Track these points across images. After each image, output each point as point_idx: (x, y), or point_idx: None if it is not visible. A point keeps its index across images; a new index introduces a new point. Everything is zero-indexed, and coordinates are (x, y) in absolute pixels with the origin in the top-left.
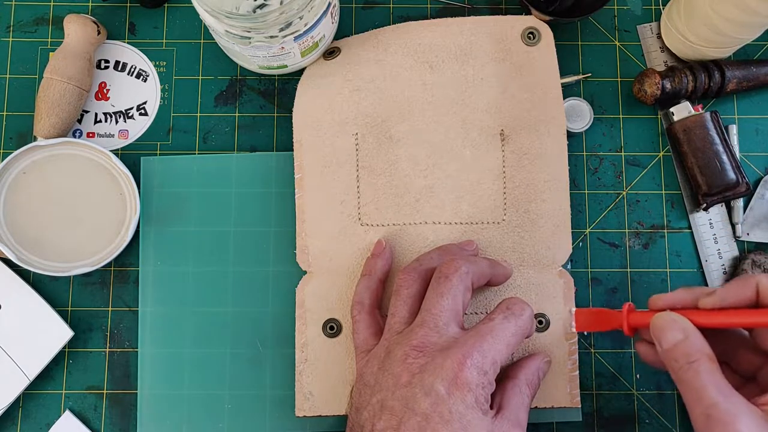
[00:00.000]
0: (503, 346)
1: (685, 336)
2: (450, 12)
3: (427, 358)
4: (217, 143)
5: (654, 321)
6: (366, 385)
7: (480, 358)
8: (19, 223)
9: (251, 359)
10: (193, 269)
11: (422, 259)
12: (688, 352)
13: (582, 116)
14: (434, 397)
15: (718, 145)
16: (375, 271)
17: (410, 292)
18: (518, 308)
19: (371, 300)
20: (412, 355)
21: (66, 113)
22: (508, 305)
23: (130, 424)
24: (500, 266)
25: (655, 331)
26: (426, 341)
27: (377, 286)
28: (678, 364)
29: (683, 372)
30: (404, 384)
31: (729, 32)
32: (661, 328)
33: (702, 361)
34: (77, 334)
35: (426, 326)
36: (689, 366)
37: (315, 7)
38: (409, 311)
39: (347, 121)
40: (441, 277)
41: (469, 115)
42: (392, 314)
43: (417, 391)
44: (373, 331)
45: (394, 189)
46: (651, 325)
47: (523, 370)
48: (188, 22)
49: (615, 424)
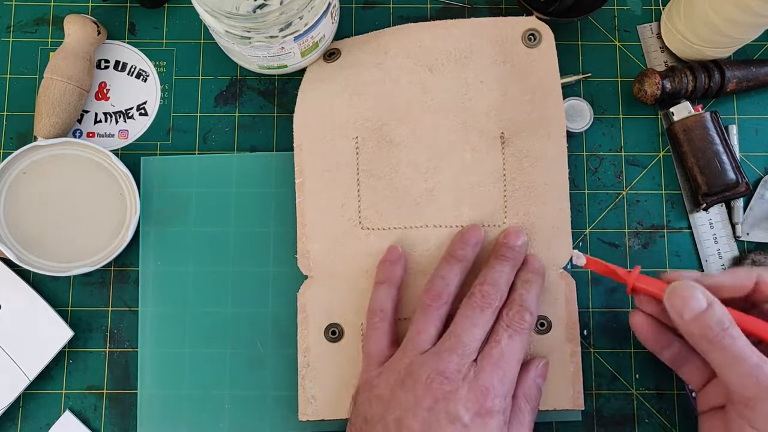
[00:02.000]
0: (515, 365)
1: (709, 303)
2: (450, 12)
3: (452, 385)
4: (217, 143)
5: (672, 290)
6: (378, 398)
7: (500, 387)
8: (19, 223)
9: (251, 359)
10: (193, 269)
11: (447, 277)
12: (720, 319)
13: (582, 116)
14: (458, 425)
15: (718, 145)
16: (394, 279)
17: (440, 314)
18: (517, 322)
19: (392, 309)
20: (437, 380)
21: (66, 113)
22: (508, 322)
23: (130, 424)
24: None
25: (675, 299)
26: (452, 368)
27: (396, 294)
28: (713, 332)
29: (720, 339)
30: (427, 407)
31: (729, 32)
32: (682, 296)
33: (734, 326)
34: (77, 334)
35: (455, 353)
36: (725, 332)
37: (315, 7)
38: (437, 332)
39: (347, 125)
40: (476, 308)
41: (469, 118)
42: (419, 331)
43: (441, 417)
44: (390, 342)
45: (395, 192)
46: (668, 294)
47: (520, 386)
48: (188, 22)
49: (615, 424)
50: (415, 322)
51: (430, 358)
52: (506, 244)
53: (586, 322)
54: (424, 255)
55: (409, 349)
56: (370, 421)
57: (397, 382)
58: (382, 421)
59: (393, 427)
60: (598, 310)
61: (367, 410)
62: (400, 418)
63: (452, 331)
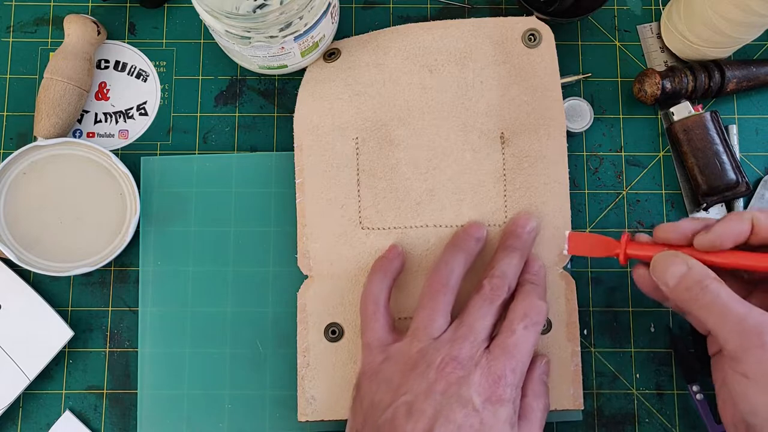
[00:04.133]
0: (527, 357)
1: (689, 267)
2: (450, 12)
3: (465, 371)
4: (217, 143)
5: (655, 262)
6: (386, 382)
7: (512, 376)
8: (19, 223)
9: (251, 359)
10: (193, 269)
11: (451, 263)
12: (698, 278)
13: (582, 116)
14: (470, 409)
15: (718, 145)
16: (390, 271)
17: (447, 300)
18: (535, 313)
19: (386, 297)
20: (451, 365)
21: (66, 113)
22: (525, 311)
23: (130, 424)
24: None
25: (658, 271)
26: (465, 354)
27: (391, 285)
28: (692, 292)
29: (701, 297)
30: (440, 391)
31: (729, 32)
32: (663, 266)
33: (714, 282)
34: (77, 334)
35: (467, 341)
36: (704, 290)
37: (315, 7)
38: (446, 319)
39: (347, 126)
40: (486, 300)
41: (469, 119)
42: (429, 318)
43: (453, 401)
44: (389, 328)
45: (395, 192)
46: (652, 267)
47: (528, 384)
48: (188, 22)
49: (615, 424)
50: (422, 309)
51: (443, 344)
52: (514, 231)
53: (586, 322)
54: (424, 255)
55: (420, 335)
56: (377, 405)
57: (408, 367)
58: (391, 405)
59: (403, 410)
60: (598, 310)
61: (374, 395)
62: (411, 402)
63: (464, 321)
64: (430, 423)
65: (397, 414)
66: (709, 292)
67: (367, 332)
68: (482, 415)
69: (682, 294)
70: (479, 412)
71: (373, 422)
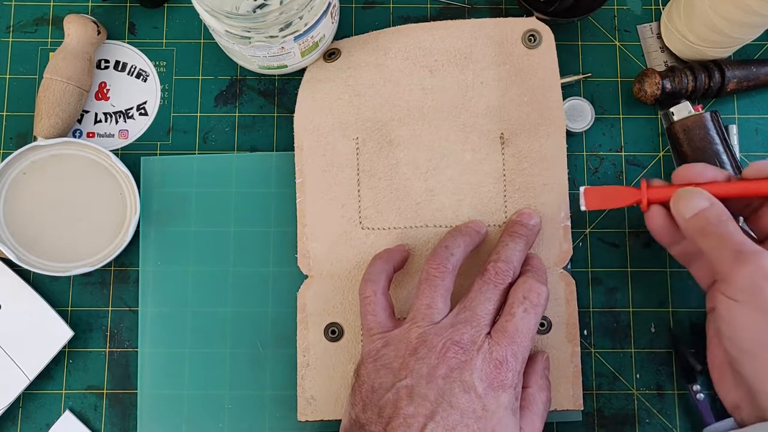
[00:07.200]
0: (528, 342)
1: (710, 203)
2: (450, 12)
3: (467, 355)
4: (217, 143)
5: (678, 194)
6: (387, 367)
7: (513, 361)
8: (19, 223)
9: (251, 359)
10: (193, 269)
11: (450, 246)
12: (717, 214)
13: (583, 116)
14: (472, 394)
15: (718, 145)
16: (392, 258)
17: (446, 284)
18: (535, 296)
19: (386, 282)
20: (452, 350)
21: (66, 113)
22: (524, 293)
23: (130, 424)
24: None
25: (679, 202)
26: (467, 339)
27: (391, 272)
28: (709, 224)
29: (713, 228)
30: (442, 376)
31: (729, 32)
32: (687, 198)
33: (731, 220)
34: (77, 334)
35: (470, 325)
36: (719, 223)
37: (315, 7)
38: (446, 304)
39: (348, 126)
40: (490, 283)
41: (469, 119)
42: (428, 304)
43: (455, 386)
44: (389, 314)
45: (395, 193)
46: (674, 199)
47: (531, 376)
48: (188, 22)
49: (615, 424)
50: (421, 294)
51: (444, 329)
52: (519, 221)
53: (586, 322)
54: (424, 255)
55: (420, 320)
56: (377, 390)
57: (409, 351)
58: (392, 389)
59: (404, 395)
60: (598, 310)
61: (374, 379)
62: (412, 386)
63: (466, 305)
64: (433, 408)
65: (399, 396)
66: (721, 224)
67: (366, 316)
68: (484, 401)
69: (697, 223)
70: (482, 397)
71: (373, 405)
